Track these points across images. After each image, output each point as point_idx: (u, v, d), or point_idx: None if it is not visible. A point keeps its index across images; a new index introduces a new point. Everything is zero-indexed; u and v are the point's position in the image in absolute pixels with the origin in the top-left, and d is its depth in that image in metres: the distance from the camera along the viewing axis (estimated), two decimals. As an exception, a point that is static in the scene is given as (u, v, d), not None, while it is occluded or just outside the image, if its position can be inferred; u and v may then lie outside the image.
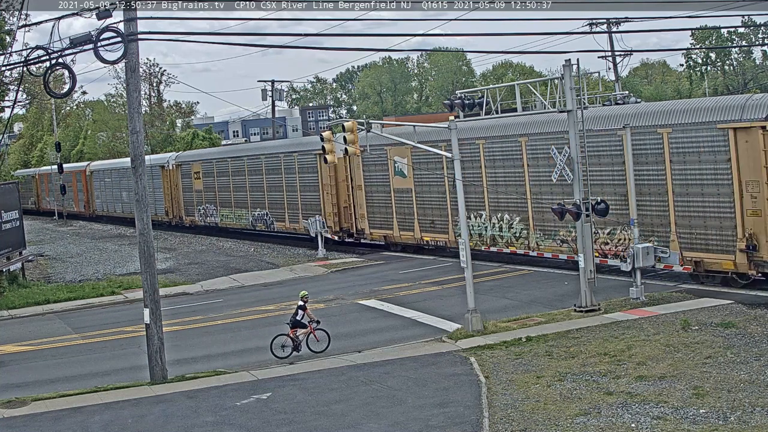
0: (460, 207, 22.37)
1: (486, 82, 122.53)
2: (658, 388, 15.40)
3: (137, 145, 19.34)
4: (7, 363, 22.73)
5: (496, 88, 25.32)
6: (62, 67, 19.42)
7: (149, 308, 19.15)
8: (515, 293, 26.32)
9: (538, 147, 29.25)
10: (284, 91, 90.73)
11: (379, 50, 29.16)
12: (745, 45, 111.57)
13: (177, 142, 77.72)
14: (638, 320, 20.88)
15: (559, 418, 14.29)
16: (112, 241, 54.10)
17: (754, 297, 22.48)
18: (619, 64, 59.00)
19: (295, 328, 20.94)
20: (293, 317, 20.99)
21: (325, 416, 15.44)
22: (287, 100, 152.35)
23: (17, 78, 35.86)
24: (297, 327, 20.93)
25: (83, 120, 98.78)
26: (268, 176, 45.74)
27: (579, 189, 22.60)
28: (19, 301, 31.79)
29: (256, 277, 34.78)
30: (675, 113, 24.99)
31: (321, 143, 24.82)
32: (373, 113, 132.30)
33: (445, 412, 15.10)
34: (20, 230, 36.92)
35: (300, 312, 20.90)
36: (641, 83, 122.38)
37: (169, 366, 19.36)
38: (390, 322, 24.12)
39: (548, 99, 23.61)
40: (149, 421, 16.06)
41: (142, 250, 19.37)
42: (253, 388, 17.70)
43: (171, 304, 28.61)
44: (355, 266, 35.30)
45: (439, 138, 29.78)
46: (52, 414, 17.00)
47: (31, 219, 74.60)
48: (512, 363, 18.06)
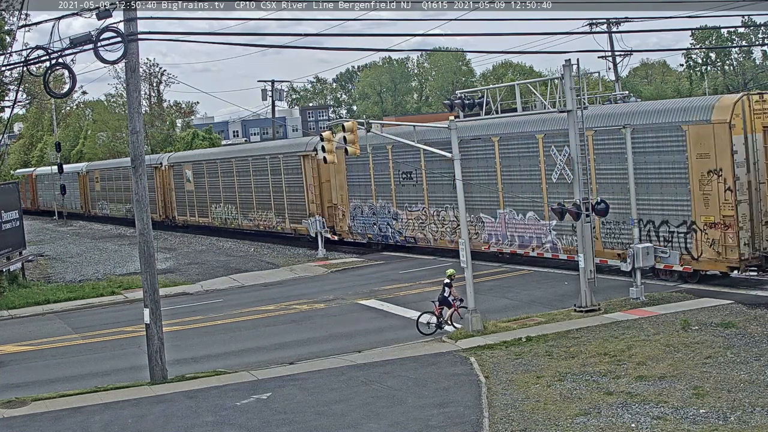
0: (461, 207, 22.36)
1: (486, 82, 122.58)
2: (658, 388, 15.40)
3: (137, 145, 19.34)
4: (7, 363, 22.74)
5: (496, 88, 25.30)
6: (62, 67, 19.42)
7: (149, 308, 19.16)
8: (515, 293, 26.32)
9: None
10: (284, 91, 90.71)
11: (379, 50, 29.22)
12: (745, 45, 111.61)
13: (177, 142, 77.74)
14: (638, 320, 20.88)
15: (559, 418, 14.30)
16: (112, 241, 54.11)
17: (754, 297, 22.49)
18: (619, 64, 59.07)
19: (442, 306, 21.75)
20: (441, 295, 21.78)
21: (325, 416, 15.44)
22: (287, 100, 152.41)
23: (17, 78, 35.86)
24: (444, 305, 21.72)
25: (83, 120, 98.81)
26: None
27: (579, 189, 22.60)
28: (19, 301, 31.79)
29: (256, 277, 34.78)
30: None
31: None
32: (373, 113, 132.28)
33: (445, 412, 15.10)
34: (20, 230, 36.92)
35: (446, 290, 21.67)
36: (641, 83, 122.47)
37: (169, 366, 19.36)
38: (390, 322, 24.12)
39: (548, 99, 23.60)
40: (149, 421, 16.06)
41: (142, 250, 19.37)
42: (253, 388, 17.70)
43: (171, 304, 28.62)
44: (355, 266, 35.31)
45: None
46: (52, 414, 17.00)
47: (31, 219, 74.74)
48: (512, 363, 18.06)
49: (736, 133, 23.31)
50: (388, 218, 36.91)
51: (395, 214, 36.53)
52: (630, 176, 24.18)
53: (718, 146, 23.43)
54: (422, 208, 34.89)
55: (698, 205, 24.04)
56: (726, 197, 23.48)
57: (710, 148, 23.66)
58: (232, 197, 48.84)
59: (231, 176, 48.79)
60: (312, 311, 26.60)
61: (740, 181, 23.39)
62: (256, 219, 46.70)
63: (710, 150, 23.67)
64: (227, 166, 49.19)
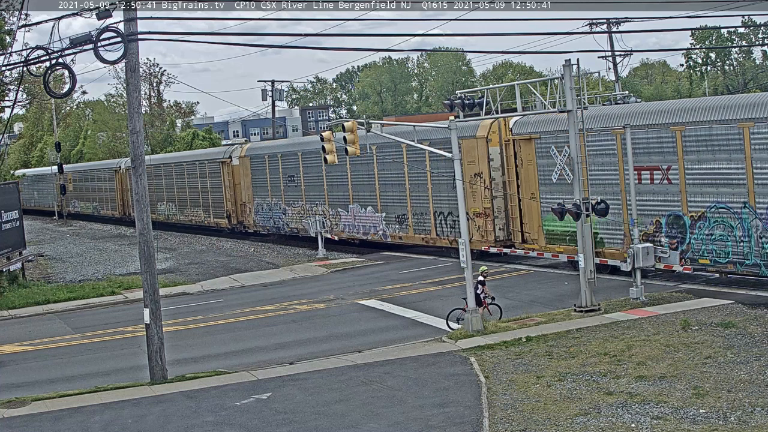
0: (461, 207, 22.36)
1: (486, 82, 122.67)
2: (658, 388, 15.40)
3: (137, 145, 19.35)
4: (7, 363, 22.74)
5: (496, 88, 25.31)
6: (62, 67, 19.42)
7: (149, 308, 19.15)
8: (515, 293, 26.32)
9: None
10: (284, 91, 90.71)
11: (379, 50, 29.20)
12: (745, 45, 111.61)
13: (177, 142, 77.80)
14: (638, 320, 20.88)
15: (559, 418, 14.30)
16: (112, 241, 54.15)
17: (754, 297, 22.48)
18: (619, 64, 59.10)
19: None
20: (474, 291, 21.87)
21: (324, 416, 15.44)
22: (287, 100, 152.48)
23: (17, 78, 35.86)
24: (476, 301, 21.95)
25: (83, 120, 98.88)
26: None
27: (579, 189, 22.60)
28: (19, 301, 31.79)
29: (256, 277, 34.78)
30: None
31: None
32: (373, 113, 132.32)
33: (445, 412, 15.09)
34: (20, 230, 36.92)
35: (479, 287, 21.97)
36: (641, 83, 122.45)
37: (169, 366, 19.36)
38: (390, 322, 24.13)
39: (548, 99, 23.60)
40: (149, 421, 16.06)
41: (142, 250, 19.37)
42: (253, 388, 17.70)
43: (171, 304, 28.63)
44: (355, 266, 35.31)
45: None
46: (52, 414, 17.00)
47: (31, 219, 74.90)
48: (512, 363, 18.06)
49: (493, 145, 30.90)
50: (280, 213, 44.98)
51: (284, 210, 44.50)
52: (630, 177, 24.27)
53: (480, 155, 30.92)
54: (302, 204, 42.86)
55: (468, 200, 30.04)
56: (485, 194, 30.98)
57: (475, 157, 30.86)
58: (172, 196, 57.50)
59: (171, 179, 57.34)
60: (312, 311, 26.60)
61: (496, 181, 31.10)
62: (190, 215, 55.21)
63: (475, 158, 30.93)
64: (168, 170, 57.82)
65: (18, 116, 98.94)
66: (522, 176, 30.08)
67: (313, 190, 41.86)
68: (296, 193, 43.30)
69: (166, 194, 58.23)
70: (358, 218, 38.91)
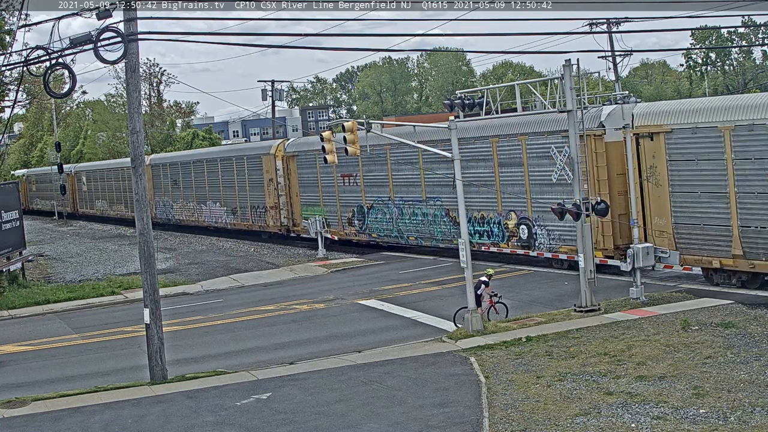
0: (460, 207, 22.36)
1: (486, 82, 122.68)
2: (658, 388, 15.40)
3: (137, 145, 19.35)
4: (7, 363, 22.74)
5: (496, 88, 25.29)
6: (62, 67, 19.41)
7: (149, 308, 19.15)
8: (515, 293, 26.31)
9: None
10: (284, 91, 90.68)
11: (378, 50, 29.12)
12: (745, 45, 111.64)
13: (177, 142, 77.77)
14: (638, 320, 20.88)
15: (559, 418, 14.29)
16: (112, 241, 54.16)
17: (754, 297, 22.49)
18: (619, 64, 59.11)
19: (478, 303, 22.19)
20: (475, 291, 22.12)
21: (324, 416, 15.44)
22: (287, 100, 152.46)
23: (17, 78, 35.87)
24: (476, 302, 22.05)
25: (83, 120, 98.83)
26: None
27: (579, 189, 22.60)
28: (19, 301, 31.78)
29: (256, 277, 34.79)
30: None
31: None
32: (373, 113, 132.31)
33: (445, 412, 15.09)
34: (20, 230, 36.92)
35: (482, 287, 22.31)
36: (641, 83, 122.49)
37: (169, 366, 19.36)
38: (390, 322, 24.13)
39: (548, 99, 23.59)
40: (149, 421, 16.06)
41: (142, 250, 19.37)
42: (253, 388, 17.70)
43: (171, 304, 28.62)
44: (355, 266, 35.32)
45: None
46: (52, 414, 17.00)
47: (31, 219, 74.92)
48: (512, 363, 18.06)
49: (279, 159, 44.07)
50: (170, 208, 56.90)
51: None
52: (631, 180, 24.29)
53: (271, 167, 44.43)
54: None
55: (267, 197, 44.85)
56: (275, 193, 44.14)
57: (270, 168, 44.39)
58: (106, 195, 69.18)
59: (105, 182, 69.05)
60: (312, 311, 26.60)
61: (281, 185, 43.99)
62: (117, 210, 66.75)
63: (270, 169, 44.37)
64: (101, 174, 69.72)
65: (18, 116, 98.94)
66: (291, 181, 43.98)
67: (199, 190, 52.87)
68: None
69: (101, 193, 70.10)
70: (213, 211, 51.60)
